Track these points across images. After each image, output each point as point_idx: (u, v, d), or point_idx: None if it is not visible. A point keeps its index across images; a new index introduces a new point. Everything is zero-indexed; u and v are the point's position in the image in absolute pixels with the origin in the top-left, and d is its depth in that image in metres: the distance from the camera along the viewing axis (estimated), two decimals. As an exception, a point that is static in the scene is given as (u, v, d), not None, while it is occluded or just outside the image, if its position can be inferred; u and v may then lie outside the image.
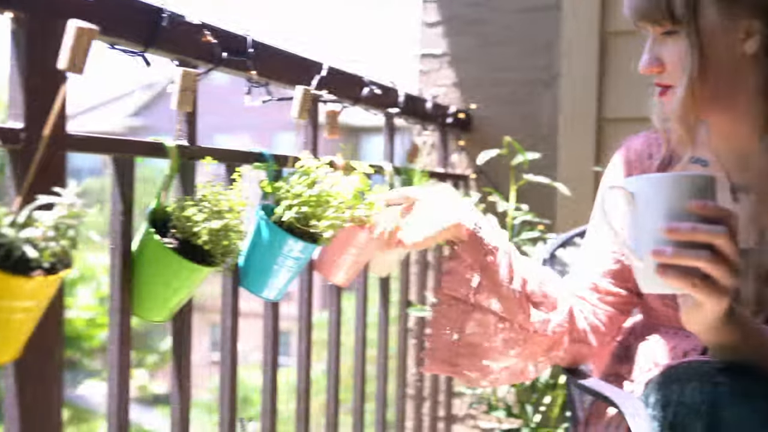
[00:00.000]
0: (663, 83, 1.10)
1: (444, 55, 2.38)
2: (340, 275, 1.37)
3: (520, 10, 2.29)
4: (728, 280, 0.81)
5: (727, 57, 1.05)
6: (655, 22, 1.07)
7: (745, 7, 1.04)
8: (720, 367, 0.90)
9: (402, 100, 1.74)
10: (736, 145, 1.13)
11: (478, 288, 1.15)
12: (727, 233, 0.79)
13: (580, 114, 2.15)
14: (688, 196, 0.81)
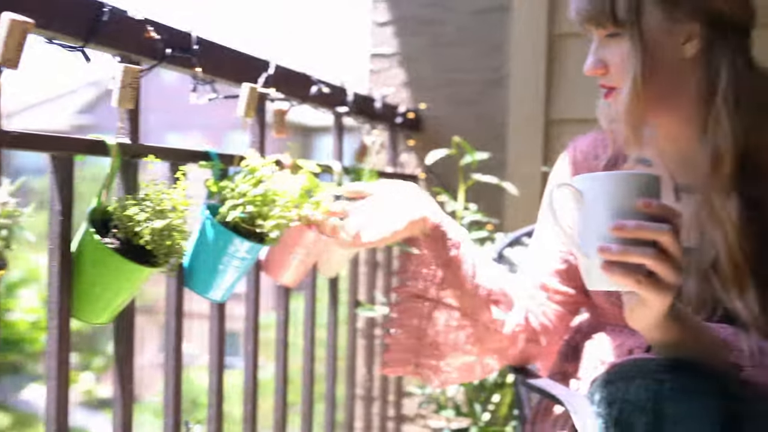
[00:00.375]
0: (608, 85, 1.11)
1: (394, 54, 2.38)
2: (288, 275, 1.36)
3: (471, 12, 2.30)
4: (672, 277, 0.82)
5: (670, 59, 1.07)
6: (599, 24, 1.08)
7: (686, 11, 1.06)
8: (664, 364, 0.92)
9: (351, 99, 1.73)
10: (680, 145, 1.15)
11: (442, 283, 1.16)
12: (671, 231, 0.81)
13: (529, 115, 2.17)
14: (634, 195, 0.82)
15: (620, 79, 1.09)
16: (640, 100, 1.06)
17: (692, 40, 1.07)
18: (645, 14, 1.05)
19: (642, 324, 0.89)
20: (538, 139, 2.16)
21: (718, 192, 1.05)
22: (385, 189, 1.15)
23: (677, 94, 1.10)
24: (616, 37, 1.08)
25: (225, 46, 1.26)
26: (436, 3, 2.33)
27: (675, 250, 0.81)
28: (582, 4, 1.10)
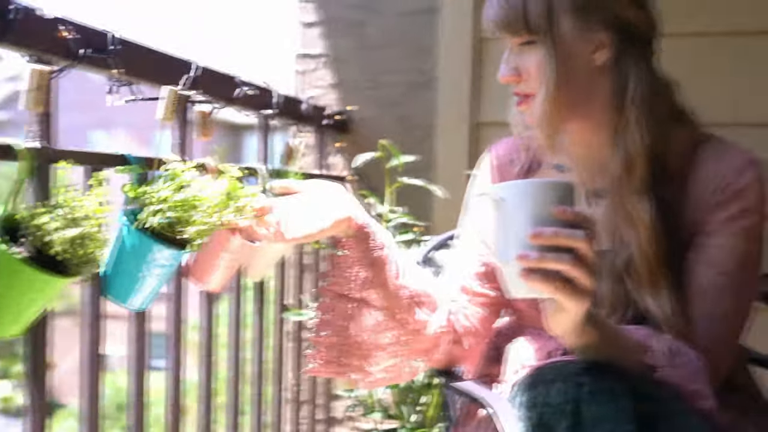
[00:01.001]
0: (522, 92, 1.13)
1: (322, 55, 2.36)
2: (212, 281, 1.33)
3: (398, 14, 2.30)
4: (588, 282, 0.83)
5: (582, 67, 1.09)
6: (513, 32, 1.10)
7: (596, 20, 1.08)
8: (583, 367, 0.93)
9: (277, 101, 1.71)
10: (592, 151, 1.17)
11: (365, 284, 1.15)
12: (587, 237, 0.82)
13: (456, 117, 2.19)
14: (551, 203, 0.83)
15: (534, 87, 1.10)
16: (554, 107, 1.08)
17: (603, 48, 1.09)
18: (557, 23, 1.06)
19: (560, 329, 0.90)
20: (464, 141, 2.18)
21: (631, 195, 1.08)
22: (313, 187, 1.15)
23: (589, 101, 1.12)
24: (529, 45, 1.09)
25: (144, 46, 1.22)
26: (363, 4, 2.33)
27: (590, 256, 0.82)
28: (495, 12, 1.11)
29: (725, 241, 1.07)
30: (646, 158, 1.08)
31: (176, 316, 1.39)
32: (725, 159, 1.10)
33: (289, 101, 1.84)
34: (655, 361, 0.97)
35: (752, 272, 1.09)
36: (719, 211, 1.08)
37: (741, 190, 1.07)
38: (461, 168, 2.15)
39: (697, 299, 1.06)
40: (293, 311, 1.84)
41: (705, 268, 1.07)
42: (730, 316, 1.06)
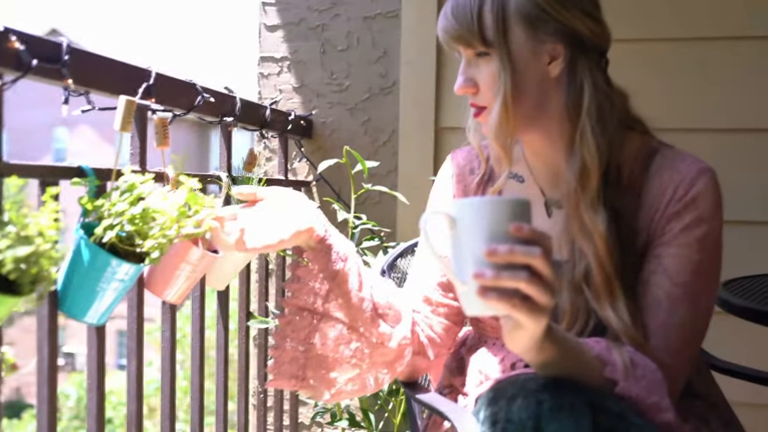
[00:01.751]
0: (478, 104, 1.12)
1: (284, 59, 2.34)
2: (172, 293, 1.31)
3: (361, 17, 2.29)
4: (545, 299, 0.82)
5: (537, 79, 1.09)
6: (467, 44, 1.09)
7: (549, 31, 1.07)
8: (544, 383, 0.93)
9: (239, 107, 1.69)
10: (548, 162, 1.17)
11: (327, 297, 1.14)
12: (542, 254, 0.81)
13: (419, 122, 2.19)
14: (506, 220, 0.82)
15: (490, 99, 1.10)
16: (509, 119, 1.08)
17: (556, 59, 1.09)
18: (511, 35, 1.06)
19: (519, 347, 0.90)
20: (428, 146, 2.17)
21: (587, 206, 1.08)
22: (276, 195, 1.13)
23: (544, 112, 1.12)
24: (484, 56, 1.09)
25: (99, 55, 1.20)
26: (326, 8, 2.31)
27: (547, 273, 0.81)
28: (449, 24, 1.10)
29: (680, 251, 1.07)
30: (601, 169, 1.08)
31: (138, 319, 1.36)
32: (679, 168, 1.10)
33: (251, 107, 1.81)
34: (614, 375, 0.97)
35: (709, 281, 1.09)
36: (674, 221, 1.08)
37: (695, 199, 1.08)
38: (425, 173, 2.15)
39: (653, 310, 1.07)
40: (258, 319, 1.82)
41: (660, 278, 1.07)
42: (687, 326, 1.06)
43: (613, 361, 0.97)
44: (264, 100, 2.32)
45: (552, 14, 1.07)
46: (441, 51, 2.19)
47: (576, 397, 0.91)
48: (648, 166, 1.12)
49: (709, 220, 1.08)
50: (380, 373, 1.22)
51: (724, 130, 2.04)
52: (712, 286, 1.10)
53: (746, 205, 2.02)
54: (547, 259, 0.81)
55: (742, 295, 1.46)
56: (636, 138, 1.15)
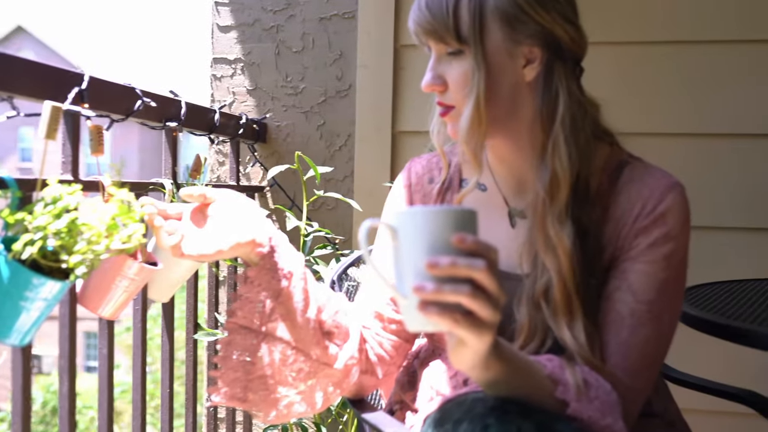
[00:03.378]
0: (445, 103, 1.07)
1: (238, 60, 2.28)
2: (108, 308, 1.25)
3: (318, 19, 2.23)
4: (489, 314, 0.77)
5: (511, 82, 1.04)
6: (440, 40, 1.04)
7: (527, 33, 1.03)
8: (492, 405, 0.89)
9: (184, 111, 1.62)
10: (514, 170, 1.13)
11: (270, 316, 1.08)
12: (486, 267, 0.76)
13: (376, 126, 2.14)
14: (448, 230, 0.77)
15: (459, 98, 1.04)
16: (482, 121, 1.02)
17: (532, 63, 1.04)
18: (488, 33, 1.01)
19: (464, 364, 0.85)
20: (385, 150, 2.13)
21: (554, 218, 1.03)
22: (226, 199, 1.06)
23: (515, 117, 1.07)
24: (457, 54, 1.04)
25: (24, 59, 1.13)
26: (280, 8, 2.25)
27: (491, 287, 0.77)
28: (422, 16, 1.04)
29: (646, 267, 1.03)
30: (572, 180, 1.04)
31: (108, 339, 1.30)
32: (648, 182, 1.06)
33: (198, 111, 1.75)
34: (566, 396, 0.92)
35: (673, 300, 1.05)
36: (641, 237, 1.04)
37: (663, 215, 1.03)
38: (382, 179, 2.10)
39: (615, 327, 1.02)
40: (206, 330, 1.75)
41: (624, 294, 1.03)
42: (649, 346, 1.02)
43: (566, 381, 0.93)
44: (216, 103, 2.25)
45: (531, 15, 1.02)
46: (398, 53, 2.15)
47: (524, 420, 0.86)
48: (616, 179, 1.08)
49: (676, 237, 1.04)
50: (328, 392, 1.17)
51: (697, 135, 2.02)
52: (676, 305, 1.06)
53: (716, 211, 2.01)
54: (492, 272, 0.76)
55: (699, 304, 1.44)
56: (605, 149, 1.10)
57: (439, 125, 1.15)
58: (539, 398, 0.92)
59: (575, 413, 0.91)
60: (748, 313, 1.33)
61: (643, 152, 1.13)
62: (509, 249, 1.11)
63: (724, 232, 1.99)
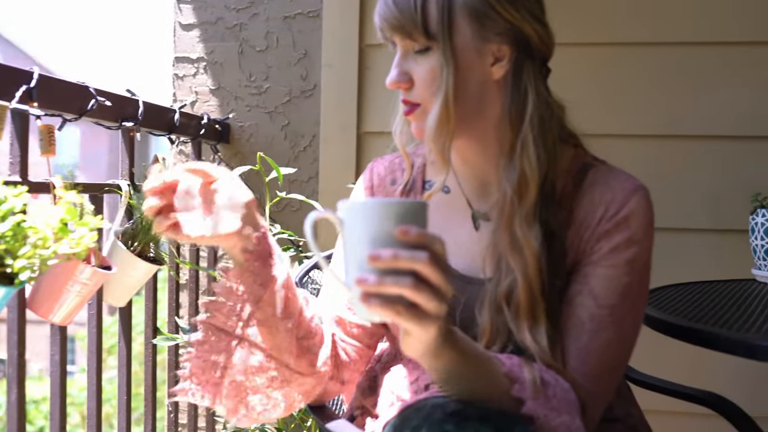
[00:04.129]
0: (411, 100, 1.04)
1: (200, 59, 2.24)
2: (59, 314, 1.22)
3: (282, 17, 2.20)
4: (433, 306, 0.76)
5: (479, 79, 1.02)
6: (407, 36, 1.01)
7: (496, 30, 1.01)
8: (452, 411, 0.87)
9: (142, 110, 1.58)
10: (478, 172, 1.11)
11: (249, 320, 1.03)
12: (429, 259, 0.75)
13: (341, 127, 2.11)
14: (392, 223, 0.76)
15: (426, 95, 1.02)
16: (450, 119, 1.00)
17: (500, 61, 1.02)
18: (456, 29, 0.99)
19: (412, 352, 0.83)
20: (350, 152, 2.10)
21: (521, 219, 1.01)
22: (230, 183, 0.97)
23: (482, 117, 1.05)
24: (424, 52, 1.01)
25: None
26: (243, 6, 2.21)
27: (435, 279, 0.76)
28: (389, 12, 1.01)
29: (608, 272, 1.01)
30: (540, 181, 1.02)
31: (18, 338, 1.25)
32: (611, 185, 1.04)
33: (157, 110, 1.71)
34: (522, 394, 0.91)
35: (635, 305, 1.03)
36: (603, 241, 1.02)
37: (626, 219, 1.02)
38: (347, 179, 2.07)
39: (575, 332, 1.01)
40: (165, 335, 1.71)
41: (586, 299, 1.01)
42: (610, 351, 1.01)
43: (523, 379, 0.91)
44: (178, 102, 2.21)
45: (500, 12, 1.00)
46: (363, 53, 2.12)
47: (482, 425, 0.85)
48: (580, 181, 1.06)
49: (639, 241, 1.02)
50: (296, 400, 1.13)
51: (668, 137, 2.03)
52: (639, 309, 1.05)
53: (685, 212, 2.02)
54: (437, 264, 0.75)
55: (663, 307, 1.43)
56: (569, 152, 1.09)
57: (402, 125, 1.12)
58: (497, 396, 0.90)
59: (531, 411, 0.90)
60: (710, 316, 1.33)
61: (612, 154, 1.12)
62: (473, 252, 1.09)
63: (693, 234, 1.99)
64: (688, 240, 2.01)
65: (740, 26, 1.99)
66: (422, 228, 0.77)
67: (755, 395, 1.96)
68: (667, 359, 1.77)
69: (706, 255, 1.98)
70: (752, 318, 1.32)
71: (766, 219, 1.76)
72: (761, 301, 1.52)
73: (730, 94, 1.99)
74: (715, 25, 1.99)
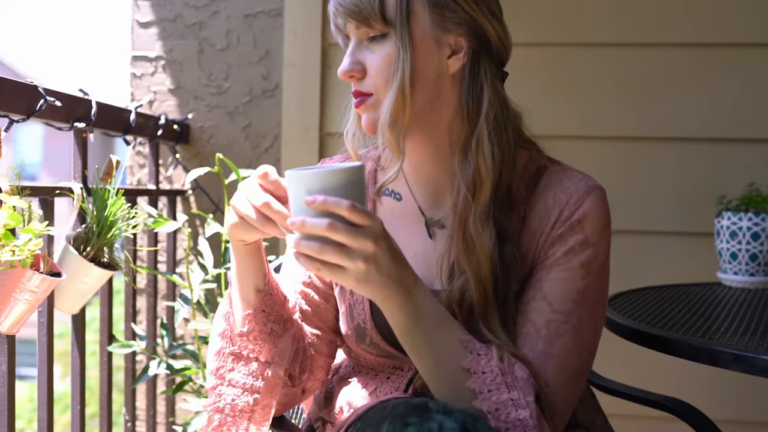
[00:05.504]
0: (363, 90, 1.00)
1: (159, 58, 2.18)
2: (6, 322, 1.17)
3: (243, 15, 2.15)
4: (347, 261, 0.85)
5: (434, 71, 0.99)
6: (363, 21, 0.98)
7: (455, 21, 0.98)
8: (414, 405, 0.86)
9: (95, 111, 1.53)
10: (431, 178, 1.07)
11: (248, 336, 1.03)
12: (330, 225, 0.83)
13: (303, 127, 2.07)
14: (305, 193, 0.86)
15: (380, 83, 0.98)
16: (406, 105, 0.97)
17: (457, 54, 1.00)
18: (414, 16, 0.97)
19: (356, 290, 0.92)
20: (313, 153, 2.06)
21: (475, 219, 0.98)
22: None
23: (436, 111, 1.01)
24: (379, 39, 0.98)
25: None
26: (203, 4, 2.16)
27: (342, 239, 0.84)
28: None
29: (563, 275, 0.99)
30: (495, 180, 0.99)
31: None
32: (566, 186, 1.01)
33: (112, 111, 1.65)
34: (478, 386, 0.91)
35: (593, 309, 1.00)
36: (558, 245, 0.99)
37: (581, 221, 0.99)
38: (309, 181, 2.03)
39: (531, 339, 0.98)
40: (120, 342, 1.66)
41: (540, 304, 0.99)
42: (569, 358, 0.98)
43: (482, 370, 0.92)
44: (136, 102, 2.15)
45: (460, 3, 0.98)
46: (326, 52, 2.09)
47: (445, 418, 0.83)
48: (534, 185, 1.03)
49: (595, 243, 0.99)
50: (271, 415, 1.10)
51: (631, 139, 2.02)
52: (597, 314, 1.01)
53: (650, 215, 2.01)
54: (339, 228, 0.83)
55: (626, 311, 1.42)
56: (524, 155, 1.06)
57: (354, 128, 1.08)
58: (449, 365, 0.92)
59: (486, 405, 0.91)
60: (674, 322, 1.32)
61: (577, 156, 1.10)
62: (428, 263, 1.06)
63: (660, 236, 1.99)
64: (655, 243, 2.01)
65: (703, 28, 1.99)
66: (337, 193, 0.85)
67: (719, 400, 1.97)
68: (633, 364, 1.77)
69: (674, 258, 1.98)
70: (716, 324, 1.31)
71: (731, 222, 1.76)
72: (725, 306, 1.51)
73: (694, 96, 1.99)
74: (679, 27, 2.00)
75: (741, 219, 1.75)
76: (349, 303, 1.09)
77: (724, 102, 1.98)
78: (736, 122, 1.98)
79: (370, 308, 1.07)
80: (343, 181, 0.86)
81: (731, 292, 1.68)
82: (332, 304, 1.14)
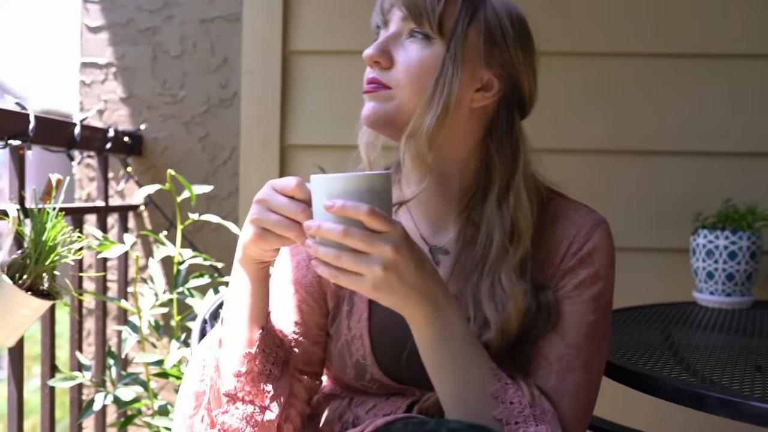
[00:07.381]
0: (382, 81, 0.95)
1: (110, 65, 2.06)
2: None
3: (199, 20, 2.04)
4: (360, 269, 0.82)
5: (462, 97, 0.95)
6: (415, 18, 0.95)
7: (498, 60, 0.97)
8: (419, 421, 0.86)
9: (33, 125, 1.41)
10: (433, 213, 1.03)
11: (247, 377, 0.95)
12: (345, 231, 0.81)
13: (262, 139, 1.96)
14: (326, 197, 0.83)
15: (402, 83, 0.94)
16: (445, 125, 0.93)
17: (486, 91, 0.98)
18: (468, 39, 0.95)
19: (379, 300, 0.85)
20: (273, 166, 1.96)
21: (509, 270, 0.95)
22: None
23: (448, 138, 0.96)
24: (419, 39, 0.95)
25: None
26: (157, 8, 2.05)
27: (358, 245, 0.81)
28: None
29: (575, 308, 0.96)
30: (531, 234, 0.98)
31: None
32: (574, 220, 1.00)
33: (53, 124, 1.54)
34: (506, 416, 0.87)
35: (601, 344, 0.98)
36: (569, 277, 0.97)
37: (590, 254, 0.98)
38: (269, 196, 1.93)
39: (542, 373, 0.94)
40: (64, 374, 1.54)
41: (552, 336, 0.95)
42: (580, 393, 0.94)
43: (511, 400, 0.88)
44: (85, 111, 2.03)
45: (509, 46, 0.98)
46: (287, 60, 1.98)
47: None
48: (540, 217, 1.00)
49: (604, 276, 0.98)
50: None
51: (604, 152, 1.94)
52: (604, 350, 0.99)
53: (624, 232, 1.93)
54: (355, 234, 0.80)
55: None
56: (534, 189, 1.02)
57: (368, 136, 1.03)
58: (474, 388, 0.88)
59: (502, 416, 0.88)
60: (651, 352, 1.24)
61: (548, 169, 1.05)
62: None
63: (635, 253, 1.91)
64: (630, 260, 1.93)
65: (678, 39, 1.92)
66: (359, 199, 0.82)
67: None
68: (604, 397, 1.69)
69: (649, 275, 1.91)
70: (696, 353, 1.24)
71: (707, 240, 1.69)
72: (705, 330, 1.45)
73: (669, 108, 1.92)
74: (653, 37, 1.92)
75: (717, 237, 1.68)
76: (346, 339, 1.03)
77: (700, 115, 1.92)
78: (712, 135, 1.92)
79: (371, 342, 1.02)
80: (365, 187, 0.84)
81: (708, 314, 1.61)
82: (320, 348, 1.06)
